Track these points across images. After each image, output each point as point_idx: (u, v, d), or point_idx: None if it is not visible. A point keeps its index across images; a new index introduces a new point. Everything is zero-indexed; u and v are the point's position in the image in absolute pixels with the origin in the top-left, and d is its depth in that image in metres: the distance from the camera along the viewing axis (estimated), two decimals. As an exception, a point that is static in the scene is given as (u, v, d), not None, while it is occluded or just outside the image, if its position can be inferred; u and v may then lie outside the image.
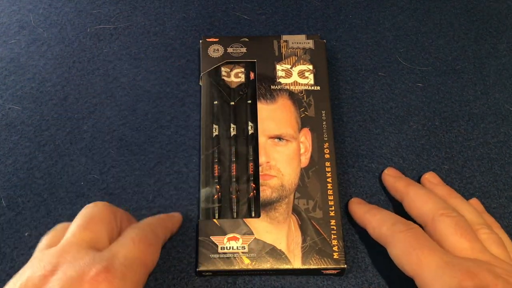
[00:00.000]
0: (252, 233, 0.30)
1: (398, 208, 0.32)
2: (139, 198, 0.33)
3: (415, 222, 0.29)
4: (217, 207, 0.32)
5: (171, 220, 0.31)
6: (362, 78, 0.39)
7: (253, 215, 0.32)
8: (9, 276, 0.31)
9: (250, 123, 0.35)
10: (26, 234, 0.32)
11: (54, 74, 0.38)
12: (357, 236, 0.33)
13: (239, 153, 0.34)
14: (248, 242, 0.30)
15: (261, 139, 0.33)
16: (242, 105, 0.36)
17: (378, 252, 0.31)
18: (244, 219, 0.31)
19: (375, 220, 0.29)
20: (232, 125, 0.35)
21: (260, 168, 0.32)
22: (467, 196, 0.34)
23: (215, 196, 0.32)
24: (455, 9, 0.43)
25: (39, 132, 0.36)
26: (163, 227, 0.29)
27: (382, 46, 0.41)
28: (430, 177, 0.34)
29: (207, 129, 0.34)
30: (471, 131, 0.37)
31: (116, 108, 0.37)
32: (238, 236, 0.30)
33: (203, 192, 0.32)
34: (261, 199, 0.32)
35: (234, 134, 0.34)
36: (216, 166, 0.33)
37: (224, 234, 0.30)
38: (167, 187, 0.34)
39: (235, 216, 0.32)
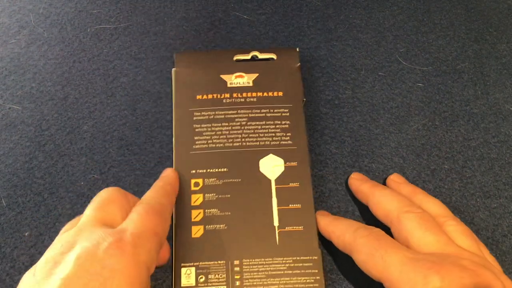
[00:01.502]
0: None
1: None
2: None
3: (381, 224, 0.29)
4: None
5: (168, 183, 0.31)
6: (362, 78, 0.39)
7: None
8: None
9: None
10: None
11: (54, 74, 0.38)
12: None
13: None
14: None
15: None
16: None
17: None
18: None
19: (338, 230, 0.29)
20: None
21: None
22: (467, 196, 0.34)
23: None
24: (455, 9, 0.43)
25: (39, 132, 0.36)
26: (165, 195, 0.30)
27: (382, 46, 0.41)
28: (394, 178, 0.34)
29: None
30: (471, 131, 0.37)
31: (116, 108, 0.37)
32: None
33: None
34: None
35: None
36: None
37: None
38: (167, 187, 0.34)
39: None
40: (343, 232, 0.29)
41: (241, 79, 0.35)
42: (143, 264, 0.24)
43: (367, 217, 0.32)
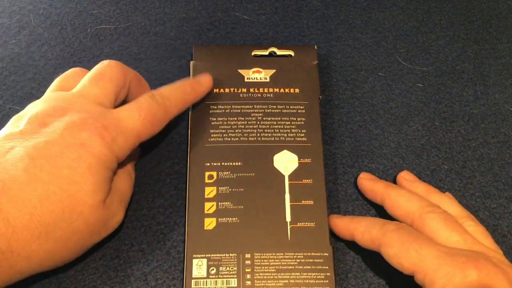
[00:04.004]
0: None
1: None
2: (139, 198, 0.33)
3: None
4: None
5: (195, 92, 0.33)
6: (362, 78, 0.39)
7: None
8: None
9: None
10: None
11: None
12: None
13: None
14: None
15: None
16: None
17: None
18: None
19: (362, 226, 0.29)
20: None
21: None
22: (467, 197, 0.34)
23: None
24: (455, 9, 0.43)
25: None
26: (181, 103, 0.31)
27: (382, 46, 0.41)
28: (406, 176, 0.34)
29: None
30: (471, 131, 0.37)
31: (116, 108, 0.37)
32: None
33: None
34: None
35: None
36: None
37: None
38: (167, 187, 0.34)
39: None
40: (369, 228, 0.29)
41: (258, 75, 0.36)
42: (114, 156, 0.27)
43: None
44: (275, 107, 0.35)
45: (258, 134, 0.34)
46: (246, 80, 0.36)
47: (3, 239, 0.23)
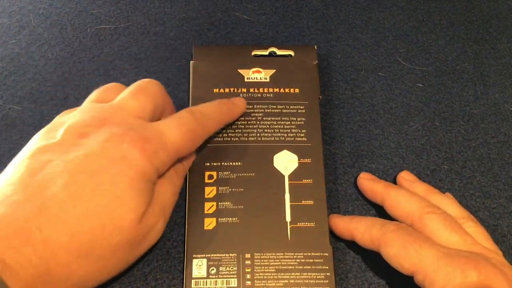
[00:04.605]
0: None
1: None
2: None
3: None
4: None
5: (231, 113, 0.33)
6: (362, 78, 0.39)
7: None
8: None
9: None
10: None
11: (54, 74, 0.38)
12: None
13: None
14: None
15: None
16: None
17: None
18: None
19: (362, 226, 0.29)
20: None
21: None
22: (467, 197, 0.34)
23: None
24: (455, 9, 0.43)
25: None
26: (218, 121, 0.31)
27: (382, 46, 0.41)
28: (405, 176, 0.34)
29: None
30: (471, 131, 0.37)
31: (116, 108, 0.37)
32: None
33: None
34: None
35: None
36: None
37: None
38: (167, 187, 0.34)
39: None
40: (369, 228, 0.29)
41: (258, 74, 0.36)
42: (155, 169, 0.26)
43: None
44: (275, 107, 0.35)
45: (258, 134, 0.34)
46: (246, 80, 0.36)
47: (42, 262, 0.22)
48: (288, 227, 0.31)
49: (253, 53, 0.37)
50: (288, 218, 0.31)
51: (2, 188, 0.23)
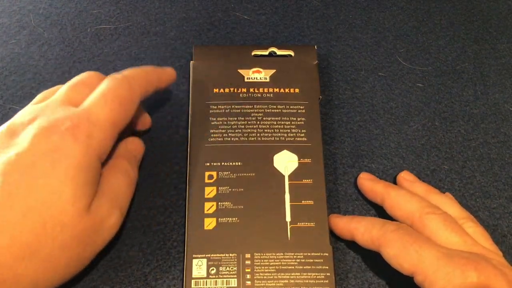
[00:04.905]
0: None
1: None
2: (139, 198, 0.33)
3: None
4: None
5: (158, 73, 0.31)
6: (362, 78, 0.39)
7: None
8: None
9: None
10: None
11: (54, 74, 0.38)
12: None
13: None
14: None
15: None
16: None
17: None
18: None
19: (362, 226, 0.29)
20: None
21: None
22: (467, 197, 0.34)
23: None
24: (455, 9, 0.43)
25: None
26: (144, 81, 0.29)
27: (382, 46, 0.41)
28: (405, 176, 0.34)
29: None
30: (471, 131, 0.37)
31: (116, 108, 0.37)
32: None
33: None
34: None
35: None
36: None
37: None
38: (167, 187, 0.34)
39: None
40: (369, 228, 0.29)
41: (258, 74, 0.36)
42: (94, 153, 0.25)
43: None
44: (275, 107, 0.35)
45: (258, 134, 0.34)
46: (246, 80, 0.36)
47: None
48: (288, 227, 0.31)
49: (253, 53, 0.37)
50: (288, 218, 0.31)
51: None
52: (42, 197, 0.23)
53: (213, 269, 0.30)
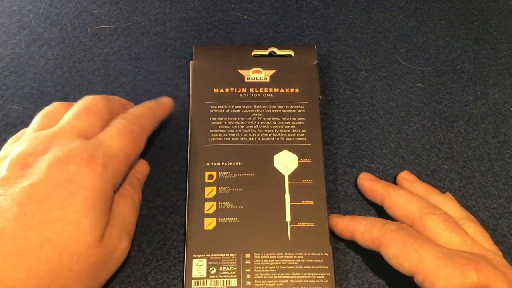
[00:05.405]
0: None
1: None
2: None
3: None
4: None
5: (160, 108, 0.32)
6: (362, 78, 0.39)
7: None
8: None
9: None
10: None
11: (54, 74, 0.38)
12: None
13: None
14: None
15: None
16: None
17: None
18: None
19: (362, 226, 0.29)
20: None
21: None
22: (467, 197, 0.34)
23: None
24: (455, 9, 0.43)
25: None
26: (151, 118, 0.31)
27: (382, 46, 0.41)
28: (406, 176, 0.34)
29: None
30: (471, 131, 0.37)
31: (116, 108, 0.37)
32: None
33: None
34: None
35: None
36: None
37: None
38: (167, 187, 0.34)
39: None
40: (369, 228, 0.29)
41: (258, 74, 0.36)
42: (109, 183, 0.25)
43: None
44: (275, 107, 0.35)
45: (258, 134, 0.34)
46: (246, 80, 0.36)
47: None
48: (288, 227, 0.31)
49: (253, 53, 0.37)
50: (288, 218, 0.31)
51: None
52: (59, 228, 0.23)
53: (213, 269, 0.30)
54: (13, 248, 0.22)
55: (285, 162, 0.33)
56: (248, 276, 0.30)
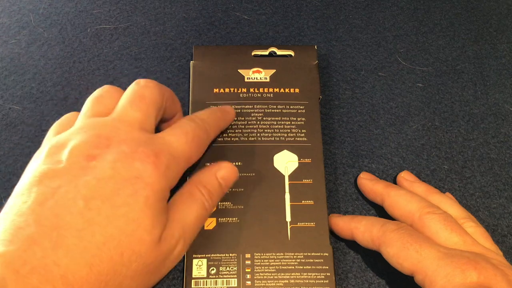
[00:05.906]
0: None
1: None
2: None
3: None
4: None
5: (225, 118, 0.33)
6: (362, 78, 0.39)
7: None
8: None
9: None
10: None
11: (54, 74, 0.38)
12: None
13: None
14: None
15: None
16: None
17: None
18: None
19: (362, 226, 0.29)
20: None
21: None
22: (467, 197, 0.34)
23: None
24: (455, 9, 0.43)
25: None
26: (216, 126, 0.31)
27: (382, 46, 0.41)
28: (406, 176, 0.34)
29: None
30: (471, 131, 0.37)
31: (116, 108, 0.37)
32: None
33: None
34: None
35: None
36: None
37: None
38: (167, 187, 0.34)
39: None
40: (369, 227, 0.29)
41: (258, 75, 0.36)
42: (168, 183, 0.25)
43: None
44: (275, 107, 0.35)
45: (258, 134, 0.34)
46: (246, 80, 0.36)
47: None
48: (288, 227, 0.31)
49: (253, 53, 0.37)
50: (288, 218, 0.31)
51: (13, 220, 0.21)
52: (122, 225, 0.22)
53: (213, 269, 0.30)
54: (78, 243, 0.21)
55: (285, 162, 0.33)
56: (248, 276, 0.30)
